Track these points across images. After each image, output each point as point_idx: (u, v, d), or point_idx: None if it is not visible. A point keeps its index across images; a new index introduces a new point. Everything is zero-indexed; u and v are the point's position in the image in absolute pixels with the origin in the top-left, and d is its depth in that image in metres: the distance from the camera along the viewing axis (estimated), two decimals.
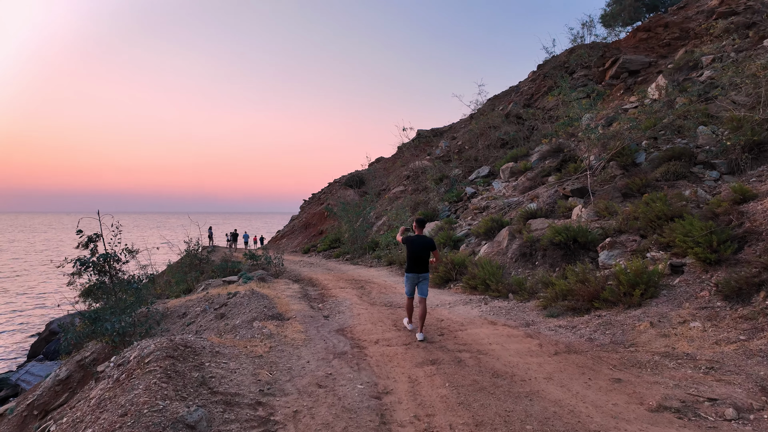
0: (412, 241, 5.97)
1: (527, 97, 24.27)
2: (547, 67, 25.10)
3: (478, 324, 6.37)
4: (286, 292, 10.26)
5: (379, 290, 10.28)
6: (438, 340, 5.62)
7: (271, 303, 8.34)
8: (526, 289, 7.92)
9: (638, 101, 15.66)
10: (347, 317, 7.31)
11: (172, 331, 9.28)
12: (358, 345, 5.62)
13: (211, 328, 8.28)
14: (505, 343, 5.37)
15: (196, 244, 15.36)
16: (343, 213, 20.28)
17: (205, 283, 13.57)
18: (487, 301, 7.99)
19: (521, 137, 20.60)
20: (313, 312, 7.85)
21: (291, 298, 9.46)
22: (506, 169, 17.64)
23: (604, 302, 6.16)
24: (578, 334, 5.46)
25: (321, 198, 32.79)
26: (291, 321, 6.99)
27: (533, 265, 9.26)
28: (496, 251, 10.69)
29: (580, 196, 11.27)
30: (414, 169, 23.63)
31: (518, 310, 6.96)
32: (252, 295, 8.91)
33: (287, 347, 5.48)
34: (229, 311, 8.55)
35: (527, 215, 11.34)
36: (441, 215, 18.76)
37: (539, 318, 6.46)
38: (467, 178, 20.85)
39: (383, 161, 32.06)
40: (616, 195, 10.27)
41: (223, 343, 5.39)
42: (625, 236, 8.39)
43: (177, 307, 10.21)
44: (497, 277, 8.59)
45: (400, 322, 6.73)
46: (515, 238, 10.63)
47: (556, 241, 8.70)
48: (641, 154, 11.77)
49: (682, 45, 17.77)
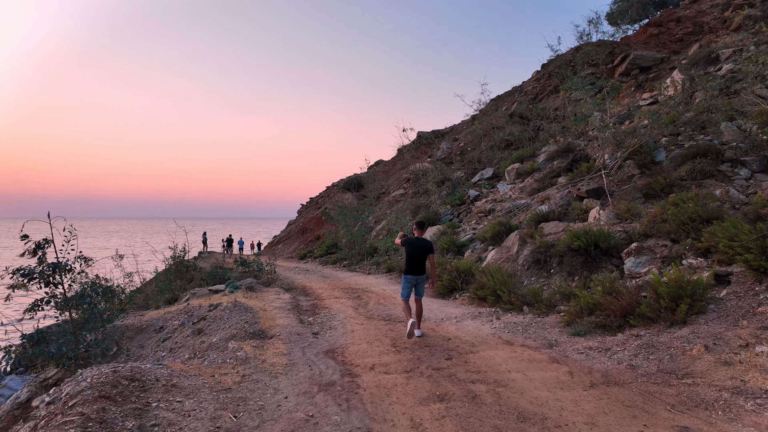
0: (412, 243, 6.05)
1: (531, 97, 23.43)
2: (551, 67, 24.27)
3: (492, 344, 5.42)
4: (274, 303, 9.31)
5: (377, 301, 9.34)
6: (445, 366, 4.68)
7: (254, 317, 7.40)
8: (542, 300, 6.98)
9: (653, 97, 14.78)
10: (339, 334, 6.36)
11: (147, 347, 8.34)
12: (349, 372, 4.67)
13: (186, 345, 7.33)
14: (528, 371, 4.42)
15: (183, 250, 14.42)
16: (340, 217, 19.36)
17: (191, 292, 12.61)
18: (498, 314, 7.04)
19: (526, 138, 19.73)
20: (301, 327, 6.90)
21: (279, 310, 8.51)
22: (512, 170, 16.75)
23: (641, 318, 5.22)
24: (615, 359, 4.51)
25: (319, 202, 31.87)
26: (274, 340, 6.04)
27: (548, 273, 8.32)
28: (505, 258, 9.75)
29: (596, 198, 10.35)
30: (414, 172, 22.74)
31: (537, 327, 6.01)
32: (234, 307, 7.96)
33: (264, 376, 4.54)
34: (207, 326, 7.61)
35: (538, 218, 10.42)
36: (443, 219, 17.84)
37: (563, 337, 5.52)
38: (470, 181, 19.95)
39: (383, 164, 31.16)
40: (636, 196, 9.35)
41: (186, 371, 4.46)
42: (653, 241, 7.46)
43: (154, 320, 9.26)
44: (509, 287, 7.65)
45: (401, 340, 5.80)
46: (526, 243, 9.70)
47: (575, 246, 7.77)
48: (660, 151, 10.87)
49: (695, 40, 16.93)
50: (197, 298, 11.40)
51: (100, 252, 14.61)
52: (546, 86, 23.03)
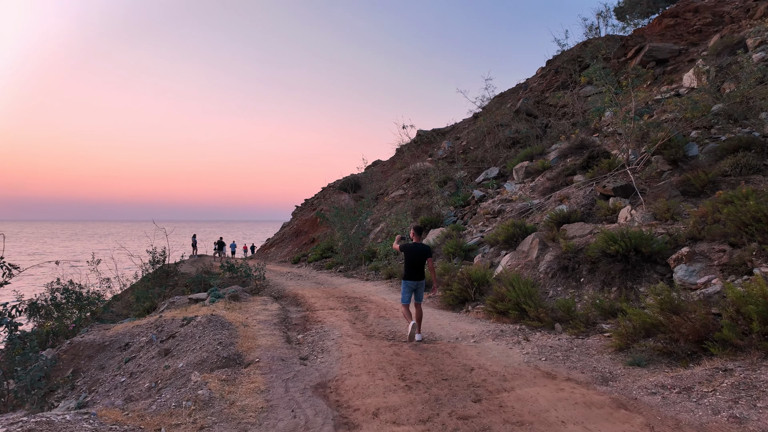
0: (410, 248, 6.04)
1: (537, 94, 22.34)
2: (557, 62, 23.22)
3: (530, 378, 4.23)
4: (259, 316, 8.08)
5: (378, 313, 8.13)
6: (475, 414, 3.48)
7: (231, 335, 6.17)
8: (578, 317, 5.80)
9: (673, 90, 13.70)
10: (334, 360, 5.15)
11: (108, 368, 7.08)
12: (346, 421, 3.47)
13: (150, 369, 6.09)
14: (589, 421, 3.24)
15: (162, 254, 13.14)
16: (336, 219, 18.15)
17: (170, 300, 11.36)
18: (526, 333, 5.85)
19: (534, 135, 18.62)
20: (287, 350, 5.68)
21: (263, 325, 7.28)
22: (520, 168, 15.62)
23: (722, 345, 4.04)
24: (706, 405, 3.33)
25: (314, 204, 30.63)
26: (251, 369, 4.82)
27: (577, 283, 7.14)
28: (523, 264, 8.58)
29: (624, 196, 9.21)
30: (415, 171, 21.58)
31: (580, 353, 4.82)
32: (209, 323, 6.73)
33: (229, 429, 3.32)
34: (176, 346, 6.37)
35: (559, 219, 9.27)
36: (446, 221, 16.67)
37: (618, 367, 4.33)
38: (474, 180, 18.81)
39: (380, 164, 29.97)
40: (674, 193, 8.21)
41: (123, 422, 3.24)
42: (705, 245, 6.31)
43: (120, 336, 8.00)
44: (536, 300, 6.46)
45: (411, 369, 4.60)
46: (547, 247, 8.53)
47: (611, 251, 6.60)
48: (692, 145, 9.75)
49: (715, 31, 15.90)
50: (174, 309, 10.15)
51: (77, 256, 13.37)
52: (553, 82, 21.95)
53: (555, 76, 22.17)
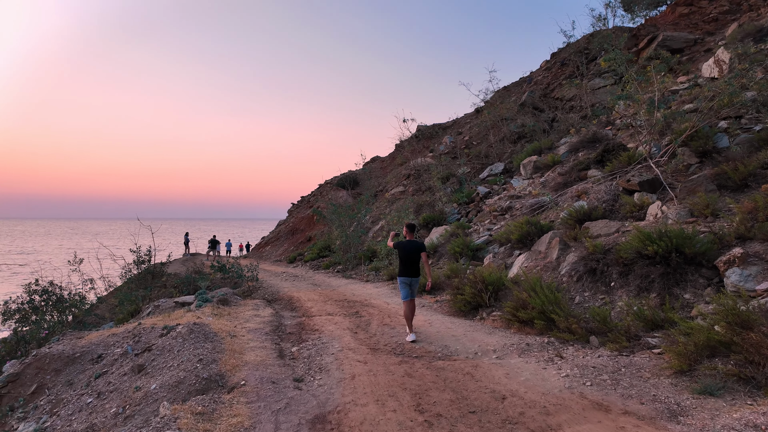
0: (404, 246, 6.11)
1: (543, 87, 21.55)
2: (563, 55, 22.44)
3: (576, 410, 3.42)
4: (249, 324, 7.25)
5: (382, 320, 7.31)
6: None
7: (215, 349, 5.34)
8: (617, 329, 4.99)
9: (691, 81, 12.93)
10: (334, 383, 4.32)
11: (76, 385, 6.23)
12: None
13: (120, 389, 5.26)
14: None
15: (147, 253, 12.25)
16: (334, 216, 17.30)
17: (155, 303, 10.50)
18: (557, 348, 5.05)
19: (541, 129, 17.83)
20: (279, 368, 4.86)
21: (253, 335, 6.46)
22: (528, 163, 14.83)
23: None
24: None
25: (311, 201, 29.73)
26: (234, 395, 3.99)
27: (608, 288, 6.34)
28: (541, 265, 7.78)
29: (651, 191, 8.42)
30: (415, 167, 20.75)
31: (631, 375, 4.01)
32: (190, 333, 5.89)
33: None
34: (151, 361, 5.53)
35: (579, 216, 8.47)
36: (449, 218, 15.87)
37: (685, 396, 3.53)
38: (478, 177, 18.01)
39: (379, 161, 29.09)
40: (709, 187, 7.42)
41: None
42: (759, 245, 5.52)
43: (93, 346, 7.14)
44: (564, 309, 5.66)
45: (428, 397, 3.79)
46: (569, 247, 7.73)
47: (648, 252, 5.81)
48: (722, 136, 8.97)
49: (732, 19, 15.15)
50: (157, 314, 9.31)
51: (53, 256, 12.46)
52: (558, 75, 21.17)
53: (561, 69, 21.39)
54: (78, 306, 12.70)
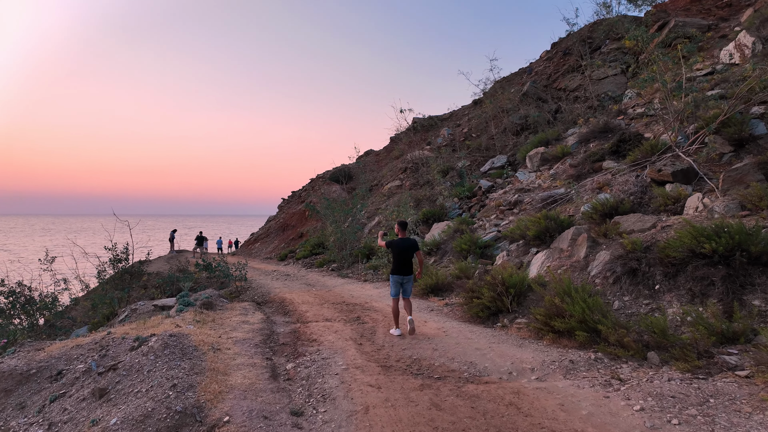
0: (398, 244, 6.04)
1: (545, 78, 20.75)
2: (564, 44, 21.67)
3: None
4: (236, 333, 6.29)
5: (387, 327, 6.41)
6: None
7: (193, 369, 4.39)
8: (681, 343, 4.14)
9: (710, 67, 12.18)
10: (343, 418, 3.40)
11: (28, 409, 5.21)
12: None
13: (77, 419, 4.28)
14: None
15: (124, 251, 11.16)
16: (327, 211, 16.32)
17: (132, 307, 9.46)
18: (609, 367, 4.18)
19: (545, 120, 17.02)
20: (271, 395, 3.92)
21: (240, 346, 5.51)
22: (535, 155, 14.01)
23: None
24: None
25: (302, 196, 28.64)
26: None
27: (651, 291, 5.50)
28: (567, 265, 6.92)
29: (685, 182, 7.62)
30: (413, 161, 19.83)
31: (725, 409, 3.15)
32: (165, 348, 4.91)
33: None
34: (116, 383, 4.56)
35: (605, 210, 7.64)
36: (450, 214, 15.02)
37: None
38: (479, 170, 17.16)
39: (373, 154, 28.08)
40: (757, 177, 6.62)
41: None
42: None
43: (54, 360, 6.11)
44: (611, 318, 4.80)
45: None
46: (598, 244, 6.89)
47: (705, 250, 4.97)
48: (757, 123, 8.21)
49: (747, 4, 14.46)
50: (133, 319, 8.31)
51: None
52: (561, 65, 20.37)
53: (563, 59, 20.60)
54: (49, 308, 11.58)
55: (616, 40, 18.61)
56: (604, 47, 19.03)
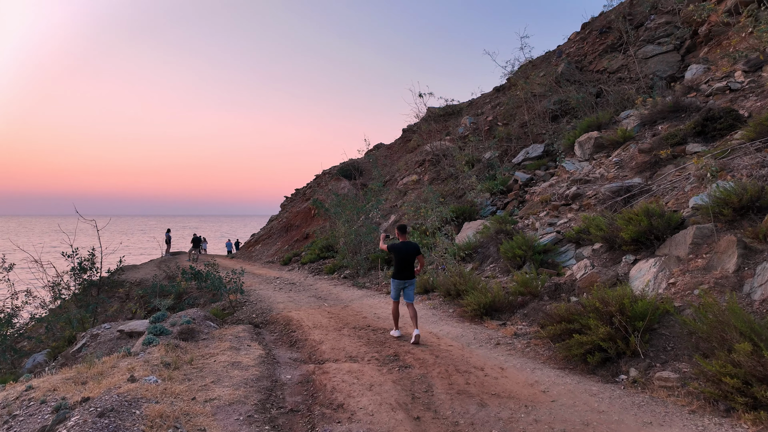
0: (400, 248, 5.94)
1: (578, 59, 18.54)
2: (599, 23, 19.45)
3: None
4: (218, 389, 4.13)
5: (450, 377, 4.23)
6: None
7: None
8: None
9: None
10: None
11: None
12: None
13: None
14: None
15: (89, 259, 8.98)
16: (338, 209, 14.16)
17: (93, 332, 7.31)
18: None
19: (587, 104, 14.80)
20: None
21: (223, 421, 3.35)
22: (586, 141, 11.80)
23: None
24: None
25: (307, 193, 26.48)
26: None
27: None
28: (711, 283, 4.72)
29: None
30: (433, 153, 17.65)
31: None
32: None
33: None
34: None
35: (743, 202, 5.43)
36: (483, 211, 12.84)
37: None
38: (511, 161, 14.97)
39: (384, 147, 25.89)
40: None
41: None
42: None
43: None
44: None
45: None
46: (757, 252, 4.68)
47: None
48: None
49: None
50: (91, 350, 6.20)
51: None
52: (597, 45, 18.14)
53: (601, 38, 18.36)
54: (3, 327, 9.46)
55: (666, 13, 16.37)
56: (650, 22, 16.79)
